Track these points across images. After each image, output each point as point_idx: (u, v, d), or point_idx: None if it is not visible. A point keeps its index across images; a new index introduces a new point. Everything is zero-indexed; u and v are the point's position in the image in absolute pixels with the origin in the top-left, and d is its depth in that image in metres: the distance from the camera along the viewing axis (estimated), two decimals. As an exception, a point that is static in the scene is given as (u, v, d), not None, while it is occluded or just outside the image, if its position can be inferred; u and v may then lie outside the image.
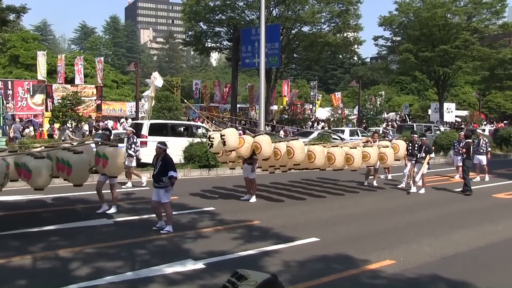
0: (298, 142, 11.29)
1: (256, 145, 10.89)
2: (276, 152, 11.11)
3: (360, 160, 11.80)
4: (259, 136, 11.17)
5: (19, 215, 9.77)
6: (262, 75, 15.42)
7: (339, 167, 11.73)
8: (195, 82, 48.47)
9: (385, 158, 12.72)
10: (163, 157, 8.53)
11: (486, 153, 16.39)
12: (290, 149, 10.91)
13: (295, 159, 10.95)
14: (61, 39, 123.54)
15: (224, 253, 7.22)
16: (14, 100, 31.49)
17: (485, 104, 60.82)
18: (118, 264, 6.65)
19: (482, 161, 16.33)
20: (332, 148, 11.69)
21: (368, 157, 12.12)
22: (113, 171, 9.72)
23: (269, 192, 13.16)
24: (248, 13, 35.24)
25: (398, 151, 13.26)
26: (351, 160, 11.58)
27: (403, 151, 13.50)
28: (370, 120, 38.44)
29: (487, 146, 16.51)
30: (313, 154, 11.15)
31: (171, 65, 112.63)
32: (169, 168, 8.34)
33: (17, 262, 6.69)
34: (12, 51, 48.36)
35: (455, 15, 41.68)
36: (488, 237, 8.74)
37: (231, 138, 10.94)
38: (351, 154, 11.63)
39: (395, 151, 13.14)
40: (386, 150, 12.75)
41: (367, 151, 12.17)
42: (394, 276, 6.44)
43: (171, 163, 8.52)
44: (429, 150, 13.58)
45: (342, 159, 11.51)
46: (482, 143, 16.34)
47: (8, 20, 24.49)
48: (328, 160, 11.48)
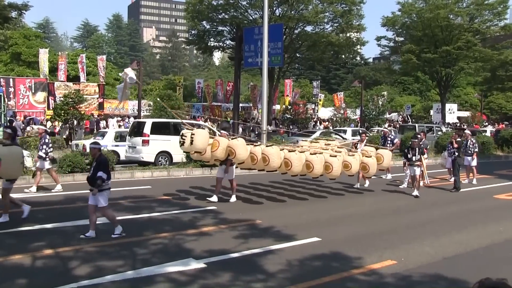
0: (273, 148, 10.92)
1: (231, 150, 10.61)
2: (252, 157, 10.76)
3: (339, 169, 11.34)
4: (233, 141, 10.87)
5: (19, 213, 9.76)
6: (264, 75, 15.39)
7: (317, 175, 11.34)
8: (198, 81, 48.49)
9: (367, 168, 12.25)
10: (98, 158, 8.08)
11: (472, 154, 15.98)
12: (265, 156, 10.59)
13: (271, 165, 10.65)
14: (63, 36, 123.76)
15: (225, 252, 7.21)
16: (15, 97, 31.54)
17: (487, 105, 60.73)
18: (119, 263, 6.65)
19: (472, 162, 16.03)
20: (310, 156, 11.10)
21: (349, 167, 11.67)
22: (6, 174, 8.74)
23: (270, 192, 13.17)
24: (251, 12, 35.19)
25: (383, 161, 12.86)
26: (329, 168, 11.13)
27: (387, 162, 13.18)
28: (372, 120, 38.40)
29: (475, 147, 16.19)
30: (290, 162, 10.75)
31: (174, 63, 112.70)
32: (100, 169, 7.86)
33: (17, 260, 6.69)
34: (14, 48, 48.39)
35: (458, 16, 41.66)
36: (489, 237, 8.72)
37: (200, 139, 10.73)
38: (330, 163, 11.16)
39: (379, 162, 12.73)
40: (369, 160, 12.29)
41: (348, 161, 11.69)
42: (396, 276, 6.42)
43: (104, 164, 8.00)
44: (423, 152, 13.39)
45: (320, 167, 11.06)
46: (470, 144, 16.07)
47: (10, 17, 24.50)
48: (306, 168, 11.04)
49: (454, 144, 14.76)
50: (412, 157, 13.07)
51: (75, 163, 14.47)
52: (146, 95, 48.18)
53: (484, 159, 24.95)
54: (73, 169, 14.44)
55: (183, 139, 11.12)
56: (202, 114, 40.79)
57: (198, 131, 11.12)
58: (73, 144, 21.04)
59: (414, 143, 13.28)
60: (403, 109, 57.35)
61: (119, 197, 11.73)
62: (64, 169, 14.29)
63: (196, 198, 11.88)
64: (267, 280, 6.10)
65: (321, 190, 13.75)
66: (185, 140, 11.00)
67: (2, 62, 49.53)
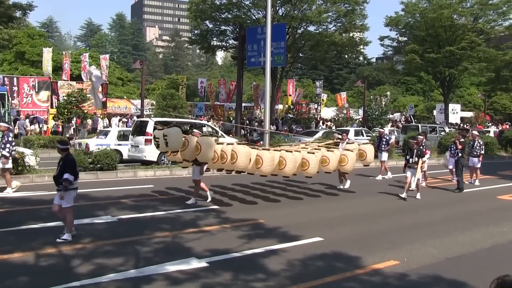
0: (243, 147, 10.58)
1: (197, 146, 10.33)
2: (222, 155, 10.41)
3: (316, 166, 11.01)
4: (201, 138, 10.62)
5: (22, 211, 9.79)
6: (267, 74, 15.33)
7: (288, 173, 10.86)
8: (201, 80, 48.46)
9: (346, 161, 11.78)
10: (64, 157, 7.77)
11: (479, 156, 15.81)
12: (234, 153, 10.25)
13: (238, 164, 10.27)
14: (67, 36, 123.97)
15: (227, 252, 7.20)
16: (19, 96, 31.60)
17: (491, 106, 60.56)
18: (121, 261, 6.65)
19: (476, 163, 15.84)
20: (284, 153, 10.73)
21: (327, 162, 11.33)
22: None
23: (273, 191, 13.16)
24: (254, 12, 35.18)
25: (366, 157, 12.54)
26: (306, 165, 10.80)
27: (371, 157, 12.78)
28: (375, 121, 38.34)
29: (481, 149, 15.96)
30: (261, 160, 10.35)
31: (177, 63, 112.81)
32: (66, 170, 7.57)
33: (19, 258, 6.70)
34: (18, 47, 48.49)
35: (461, 16, 41.52)
36: (493, 238, 8.70)
37: (174, 138, 10.37)
38: (306, 159, 10.83)
39: (362, 158, 12.49)
40: (348, 153, 11.94)
41: (326, 156, 11.40)
42: (398, 276, 6.41)
43: (70, 165, 7.69)
44: (421, 154, 12.71)
45: (293, 165, 10.64)
46: (476, 146, 15.85)
47: (15, 17, 24.57)
48: (279, 165, 10.62)
49: (458, 144, 14.62)
50: (409, 159, 12.68)
51: (78, 162, 14.40)
52: (149, 94, 48.19)
53: (488, 159, 24.90)
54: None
55: (157, 141, 10.68)
56: (204, 113, 40.82)
57: (169, 130, 10.64)
58: (76, 143, 21.08)
59: (412, 144, 12.92)
60: (406, 109, 57.26)
61: (122, 196, 11.75)
62: (67, 168, 14.29)
63: (199, 197, 11.87)
64: (269, 280, 6.09)
65: (323, 190, 13.73)
66: (159, 142, 10.57)
67: (6, 61, 49.65)
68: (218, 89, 45.94)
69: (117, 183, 13.85)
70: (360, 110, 41.07)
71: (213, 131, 20.51)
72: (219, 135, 19.79)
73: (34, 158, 14.33)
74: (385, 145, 17.18)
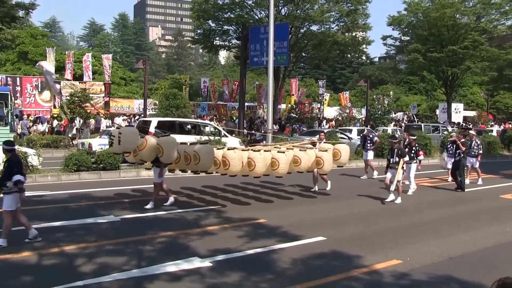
0: (206, 147, 10.24)
1: (158, 148, 9.97)
2: (186, 156, 10.11)
3: (286, 166, 10.54)
4: (162, 138, 10.22)
5: (26, 211, 9.80)
6: (270, 74, 15.41)
7: (259, 173, 10.50)
8: (203, 80, 48.47)
9: (321, 163, 11.19)
10: (10, 158, 7.39)
11: (477, 156, 15.72)
12: (195, 154, 9.90)
13: (201, 165, 9.96)
14: (70, 36, 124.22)
15: (230, 251, 7.21)
16: (22, 96, 31.69)
17: (493, 105, 60.44)
18: (124, 261, 6.67)
19: (475, 163, 15.74)
20: (253, 153, 10.35)
21: (298, 162, 10.87)
22: None
23: (275, 190, 13.16)
24: (256, 12, 35.20)
25: (340, 157, 11.95)
26: (276, 165, 10.35)
27: (345, 157, 12.15)
28: (378, 120, 38.29)
29: (479, 148, 15.89)
30: (227, 161, 10.03)
31: (180, 62, 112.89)
32: (14, 172, 7.17)
33: (23, 258, 6.73)
34: (21, 47, 48.57)
35: (464, 15, 41.47)
36: (496, 237, 8.68)
37: (129, 138, 9.89)
38: (276, 159, 10.38)
39: (336, 157, 11.90)
40: (323, 154, 11.31)
41: (298, 156, 10.93)
42: (401, 276, 6.41)
43: (18, 165, 7.34)
44: (402, 154, 12.01)
45: (263, 165, 10.27)
46: (474, 145, 15.77)
47: (17, 17, 24.63)
48: (248, 166, 10.26)
49: (461, 145, 14.40)
50: (390, 159, 12.18)
51: (81, 161, 14.53)
52: (152, 94, 48.26)
53: (491, 158, 24.85)
54: (79, 167, 14.49)
55: (112, 140, 10.15)
56: (207, 113, 40.84)
57: (125, 129, 10.27)
58: (79, 142, 21.12)
59: (393, 144, 12.38)
60: (409, 108, 57.16)
61: (125, 195, 11.78)
62: (70, 167, 14.34)
63: (201, 197, 11.90)
64: (272, 279, 6.10)
65: (324, 190, 13.71)
66: (113, 141, 10.04)
67: (9, 61, 49.75)
68: (221, 88, 45.97)
69: (120, 183, 13.87)
70: (363, 109, 41.03)
71: (216, 131, 20.51)
72: (222, 135, 19.79)
73: (37, 158, 14.37)
74: (370, 144, 16.87)
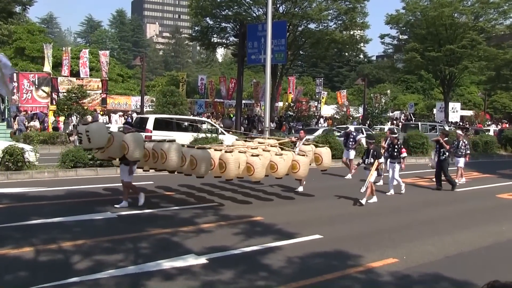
0: (174, 145, 9.76)
1: (123, 145, 9.52)
2: (154, 154, 9.83)
3: (262, 171, 10.11)
4: (128, 135, 9.77)
5: (23, 207, 9.80)
6: (268, 72, 15.38)
7: (231, 176, 10.05)
8: (201, 77, 48.42)
9: (297, 167, 10.60)
10: None
11: (465, 156, 15.58)
12: (163, 153, 9.59)
13: (168, 164, 9.64)
14: (67, 32, 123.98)
15: (227, 249, 7.21)
16: (19, 92, 31.57)
17: (491, 104, 60.61)
18: (120, 257, 6.65)
19: (459, 163, 15.56)
20: (225, 154, 9.89)
21: (275, 168, 10.29)
22: None
23: (273, 188, 13.15)
24: (254, 9, 35.20)
25: (321, 161, 11.48)
26: (251, 170, 9.96)
27: (327, 161, 11.61)
28: (375, 119, 38.37)
29: (467, 148, 15.72)
30: (195, 161, 9.56)
31: (177, 60, 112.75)
32: None
33: (19, 253, 6.70)
34: (18, 43, 48.42)
35: (462, 14, 41.54)
36: (492, 237, 8.70)
37: (97, 134, 9.51)
38: (251, 164, 9.95)
39: (318, 162, 11.49)
40: (300, 159, 10.77)
41: (275, 161, 10.33)
42: (397, 274, 6.41)
43: None
44: (377, 155, 11.57)
45: (235, 168, 9.79)
46: (462, 145, 15.61)
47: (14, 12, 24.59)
48: (219, 168, 9.88)
49: (443, 144, 14.15)
50: (365, 159, 11.85)
51: (78, 158, 14.49)
52: (149, 91, 48.19)
53: (487, 158, 24.94)
54: (76, 164, 14.46)
55: (80, 137, 9.85)
56: (205, 110, 40.80)
57: (92, 126, 9.91)
58: (76, 139, 21.06)
59: (369, 144, 12.02)
60: (406, 107, 57.28)
61: (120, 192, 11.75)
62: (67, 164, 14.31)
63: (198, 194, 11.89)
64: (268, 277, 6.10)
65: (322, 188, 13.73)
66: (82, 138, 9.70)
67: (6, 57, 49.59)
68: (218, 86, 45.92)
69: (117, 179, 13.79)
70: (360, 108, 41.10)
71: (213, 128, 20.49)
72: (219, 133, 19.78)
73: (34, 154, 14.33)
74: (353, 142, 16.42)
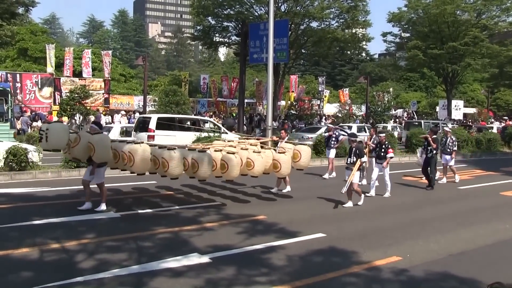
0: (141, 146, 9.43)
1: (90, 146, 9.21)
2: (123, 156, 9.45)
3: (237, 169, 9.77)
4: (95, 136, 9.41)
5: (27, 207, 9.82)
6: (270, 70, 15.38)
7: (204, 176, 9.69)
8: (203, 76, 48.45)
9: (278, 166, 10.41)
10: None
11: (451, 153, 15.24)
12: (130, 154, 9.28)
13: (135, 166, 9.35)
14: (69, 32, 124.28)
15: (230, 248, 7.22)
16: (22, 93, 31.68)
17: (494, 102, 60.47)
18: (124, 257, 6.67)
19: (449, 161, 15.27)
20: (197, 154, 9.52)
21: (251, 166, 10.07)
22: None
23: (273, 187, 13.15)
24: (256, 8, 35.15)
25: (300, 159, 11.15)
26: (225, 167, 9.66)
27: (306, 159, 11.30)
28: (378, 117, 38.30)
29: (454, 145, 15.40)
30: (166, 162, 9.20)
31: (179, 59, 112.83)
32: None
33: (23, 253, 6.72)
34: (21, 44, 48.50)
35: (465, 12, 41.42)
36: (496, 235, 8.69)
37: (56, 135, 9.14)
38: (225, 161, 9.67)
39: (296, 159, 11.13)
40: (281, 157, 10.53)
41: (251, 159, 10.09)
42: (401, 272, 6.41)
43: None
44: (360, 154, 10.92)
45: (207, 167, 9.42)
46: (449, 142, 15.32)
47: (17, 13, 24.63)
48: (191, 167, 9.48)
49: (430, 142, 13.84)
50: (347, 159, 11.25)
51: (81, 158, 14.49)
52: (152, 90, 48.23)
53: (491, 156, 24.88)
54: (79, 164, 14.44)
55: (41, 135, 9.35)
56: (207, 109, 40.83)
57: (52, 125, 9.52)
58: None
59: (351, 142, 11.40)
60: (408, 105, 57.18)
61: (125, 192, 11.79)
62: (70, 164, 14.32)
63: (200, 193, 11.90)
64: (272, 275, 6.11)
65: (325, 186, 13.72)
66: (42, 136, 9.28)
67: (9, 58, 49.70)
68: (220, 85, 45.93)
69: (120, 179, 13.85)
70: (362, 106, 41.05)
71: (216, 127, 20.50)
72: (222, 132, 19.78)
73: (37, 154, 14.36)
74: (335, 141, 15.95)
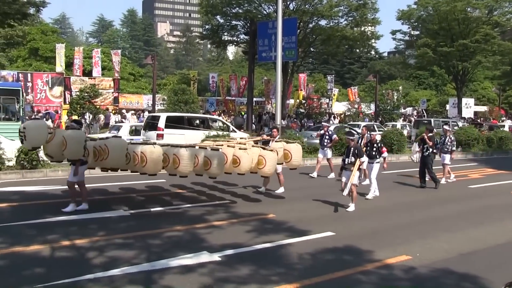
0: (119, 141, 9.28)
1: (62, 141, 8.93)
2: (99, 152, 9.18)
3: (220, 166, 9.49)
4: (69, 131, 9.23)
5: (37, 205, 9.90)
6: (278, 69, 15.40)
7: (184, 173, 9.49)
8: (212, 75, 48.51)
9: (263, 163, 10.06)
10: None
11: (450, 152, 15.04)
12: (105, 148, 9.03)
13: (108, 162, 9.15)
14: (79, 32, 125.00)
15: (239, 246, 7.23)
16: (33, 92, 31.95)
17: (505, 100, 59.85)
18: (134, 254, 6.71)
19: (445, 159, 14.98)
20: (178, 149, 9.35)
21: (238, 163, 9.84)
22: None
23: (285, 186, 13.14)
24: (265, 7, 35.11)
25: (290, 159, 10.87)
26: (208, 164, 9.36)
27: (297, 159, 11.04)
28: (387, 115, 38.14)
29: (453, 145, 15.21)
30: (145, 157, 9.06)
31: (188, 58, 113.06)
32: None
33: (35, 250, 6.79)
34: (32, 44, 48.96)
35: (475, 8, 41.04)
36: (507, 234, 8.62)
37: (33, 133, 8.86)
38: (208, 158, 9.37)
39: (287, 159, 10.91)
40: (266, 153, 10.16)
41: (237, 155, 9.84)
42: (410, 271, 6.39)
43: None
44: (359, 154, 10.33)
45: (188, 163, 9.25)
46: (448, 141, 15.10)
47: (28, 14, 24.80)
48: (173, 164, 9.27)
49: (426, 140, 13.66)
50: (345, 159, 10.53)
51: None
52: (160, 89, 48.42)
53: (503, 154, 24.69)
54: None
55: (21, 136, 9.03)
56: (216, 108, 40.89)
57: (29, 123, 9.24)
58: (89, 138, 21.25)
59: (349, 142, 10.71)
60: (418, 103, 56.86)
61: (134, 190, 11.84)
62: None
63: (209, 192, 11.92)
64: (281, 273, 6.11)
65: (334, 185, 13.68)
66: (22, 137, 9.01)
67: (21, 58, 50.18)
68: (229, 84, 45.96)
69: (130, 177, 13.92)
70: (372, 104, 40.89)
71: (224, 126, 20.53)
72: (231, 130, 19.81)
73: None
74: (328, 141, 15.59)
